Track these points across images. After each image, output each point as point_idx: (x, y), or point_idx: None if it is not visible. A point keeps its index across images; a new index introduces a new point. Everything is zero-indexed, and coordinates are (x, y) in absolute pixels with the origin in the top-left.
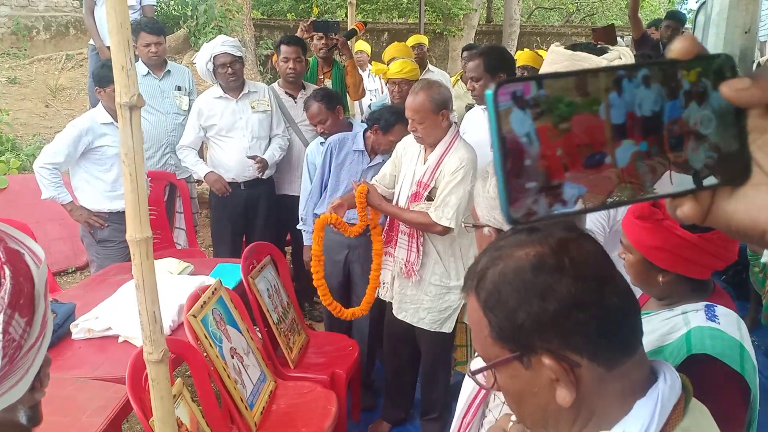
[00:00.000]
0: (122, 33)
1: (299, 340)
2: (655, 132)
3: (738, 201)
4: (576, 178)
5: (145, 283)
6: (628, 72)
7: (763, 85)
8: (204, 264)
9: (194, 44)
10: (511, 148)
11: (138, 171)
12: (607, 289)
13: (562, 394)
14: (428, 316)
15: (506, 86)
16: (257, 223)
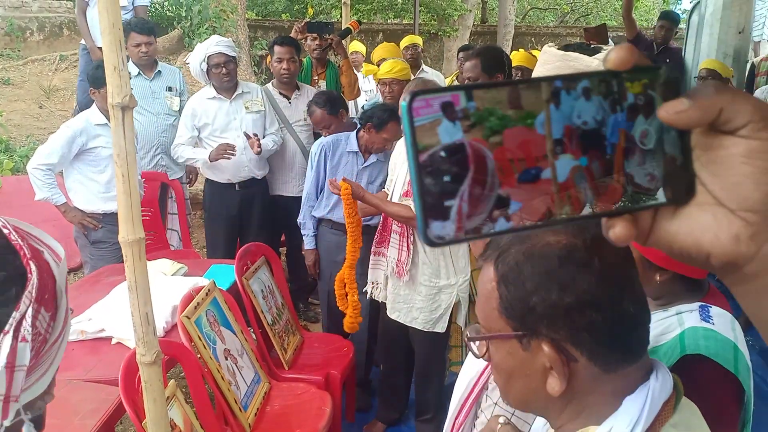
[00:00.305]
0: (114, 33)
1: (294, 341)
2: (597, 146)
3: (681, 221)
4: (509, 195)
5: (138, 285)
6: (567, 84)
7: (702, 105)
8: (198, 265)
9: (188, 45)
10: (427, 163)
11: (130, 172)
12: (626, 295)
13: (553, 383)
14: (421, 316)
15: (425, 97)
16: (252, 224)
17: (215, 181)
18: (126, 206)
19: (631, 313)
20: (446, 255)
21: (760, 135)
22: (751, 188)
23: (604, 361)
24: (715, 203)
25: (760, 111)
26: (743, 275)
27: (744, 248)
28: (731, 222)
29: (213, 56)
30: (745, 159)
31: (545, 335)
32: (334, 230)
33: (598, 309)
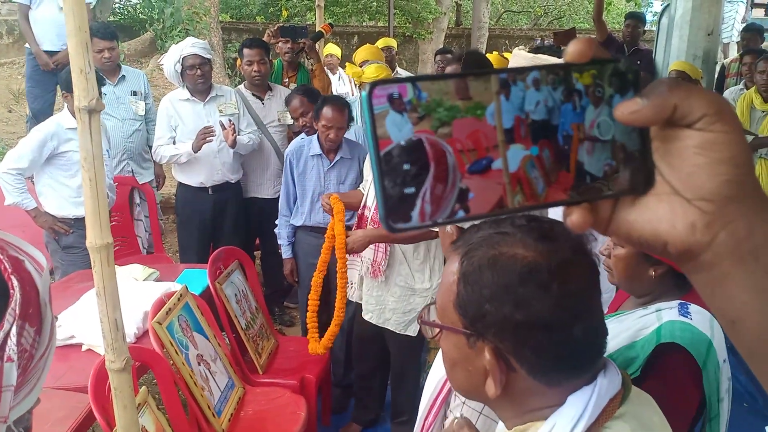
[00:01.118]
0: (80, 36)
1: (268, 345)
2: (548, 136)
3: (640, 211)
4: (461, 185)
5: (106, 290)
6: (516, 75)
7: (656, 104)
8: (170, 270)
9: (161, 47)
10: (385, 152)
11: (98, 176)
12: (578, 323)
13: (489, 385)
14: (393, 317)
15: (382, 87)
16: (225, 229)
17: (188, 184)
18: (93, 211)
19: (579, 339)
20: (423, 259)
21: (713, 128)
22: (705, 178)
23: (544, 377)
24: (672, 193)
25: (714, 104)
26: (700, 263)
27: (700, 236)
28: (687, 211)
29: (188, 58)
30: (699, 150)
31: (490, 341)
32: (312, 234)
33: (547, 331)
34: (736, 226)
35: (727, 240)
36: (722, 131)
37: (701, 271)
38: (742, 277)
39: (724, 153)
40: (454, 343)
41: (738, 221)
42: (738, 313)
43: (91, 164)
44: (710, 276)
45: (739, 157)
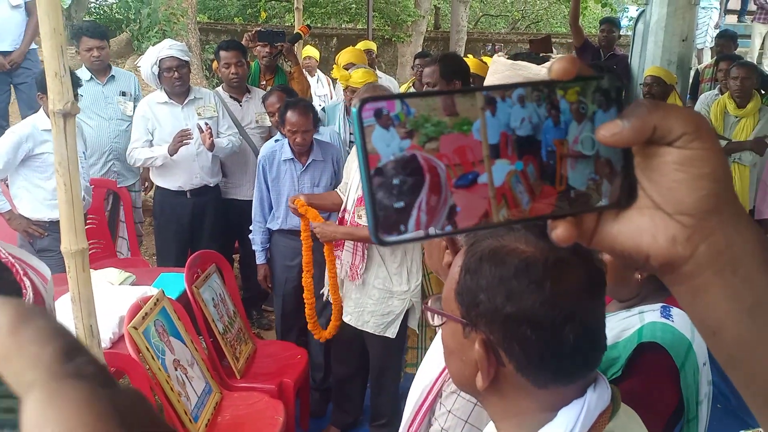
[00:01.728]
0: (55, 38)
1: (246, 349)
2: (532, 152)
3: (622, 224)
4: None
5: (81, 297)
6: (502, 92)
7: (636, 126)
8: (146, 274)
9: (137, 48)
10: (375, 167)
11: (73, 181)
12: (569, 325)
13: (479, 377)
14: (372, 320)
15: (372, 103)
16: (204, 232)
17: (166, 188)
18: (68, 216)
19: (569, 342)
20: (401, 262)
21: (692, 145)
22: (685, 193)
23: (532, 375)
24: (654, 207)
25: (692, 123)
26: (680, 275)
27: (680, 249)
28: (668, 225)
29: (165, 60)
30: (679, 167)
31: (482, 332)
32: (289, 236)
33: (535, 328)
34: (716, 239)
35: (706, 252)
36: (701, 148)
37: (682, 282)
38: (721, 287)
39: (703, 169)
40: (452, 331)
41: (717, 234)
42: (717, 323)
43: (66, 169)
44: (690, 287)
45: (717, 172)
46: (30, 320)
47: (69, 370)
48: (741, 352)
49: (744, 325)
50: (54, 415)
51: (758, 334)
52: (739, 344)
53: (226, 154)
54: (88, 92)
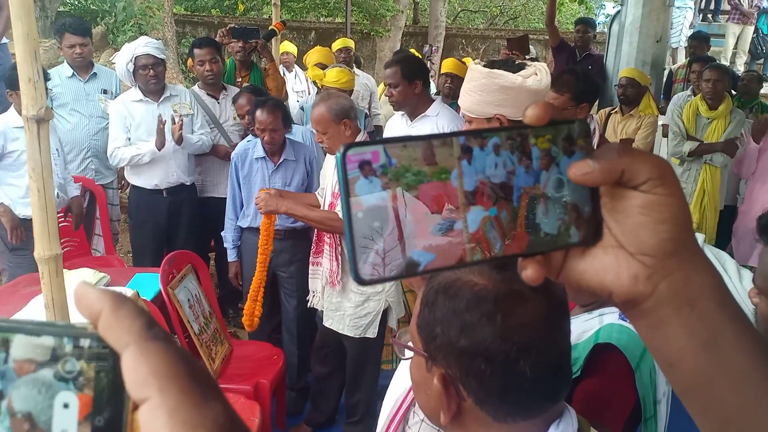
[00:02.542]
0: (29, 43)
1: (222, 350)
2: (506, 197)
3: (588, 262)
4: (424, 246)
5: (55, 302)
6: (478, 141)
7: (605, 168)
8: (121, 274)
9: (113, 42)
10: (357, 213)
11: (46, 186)
12: (524, 357)
13: (441, 413)
14: (350, 323)
15: (354, 152)
16: (180, 231)
17: (142, 187)
18: (42, 222)
19: (526, 375)
20: None
21: (656, 191)
22: (647, 235)
23: (492, 410)
24: (618, 246)
25: (657, 169)
26: (641, 311)
27: (641, 287)
28: (631, 264)
29: (140, 57)
30: (643, 210)
31: (441, 366)
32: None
33: (489, 362)
34: (675, 278)
35: (666, 290)
36: (664, 194)
37: (642, 317)
38: (679, 323)
39: (665, 214)
40: (417, 364)
41: (676, 274)
42: (675, 356)
43: (40, 174)
44: (650, 322)
45: (678, 217)
46: (123, 303)
47: (150, 335)
48: (696, 383)
49: (699, 359)
50: (145, 360)
51: (712, 368)
52: (694, 376)
53: (195, 152)
54: (69, 89)
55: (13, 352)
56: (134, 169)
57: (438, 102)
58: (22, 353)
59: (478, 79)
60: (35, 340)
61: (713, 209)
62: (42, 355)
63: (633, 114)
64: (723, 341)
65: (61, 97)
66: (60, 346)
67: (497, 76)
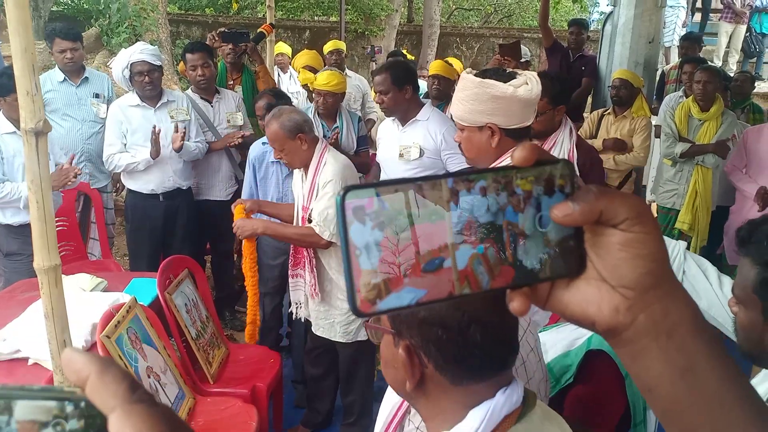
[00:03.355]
0: (27, 58)
1: (219, 354)
2: (492, 236)
3: (572, 293)
4: (416, 282)
5: (55, 312)
6: (465, 183)
7: (584, 210)
8: (118, 279)
9: (107, 44)
10: (354, 254)
11: (45, 198)
12: (474, 326)
13: (406, 380)
14: (341, 329)
15: (351, 196)
16: (176, 235)
17: (138, 191)
18: (41, 233)
19: (477, 341)
20: None
21: (634, 229)
22: (627, 270)
23: (449, 373)
24: (600, 279)
25: (634, 209)
26: (621, 340)
27: (622, 318)
28: (612, 296)
29: (136, 64)
30: (622, 247)
31: (405, 338)
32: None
33: (445, 329)
34: (654, 310)
35: (645, 321)
36: (642, 232)
37: (624, 345)
38: (657, 352)
39: (642, 250)
40: (386, 343)
41: (655, 305)
42: (653, 382)
43: (39, 186)
44: (631, 350)
45: (656, 253)
46: (108, 368)
47: (134, 398)
48: (674, 408)
49: (677, 386)
50: (130, 423)
51: (689, 394)
52: (672, 402)
53: (190, 159)
54: (61, 94)
55: (17, 413)
56: (131, 173)
57: (428, 106)
58: (25, 415)
59: (470, 88)
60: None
61: (705, 210)
62: (44, 415)
63: (626, 115)
64: (698, 369)
65: (53, 103)
66: (61, 408)
67: (489, 86)
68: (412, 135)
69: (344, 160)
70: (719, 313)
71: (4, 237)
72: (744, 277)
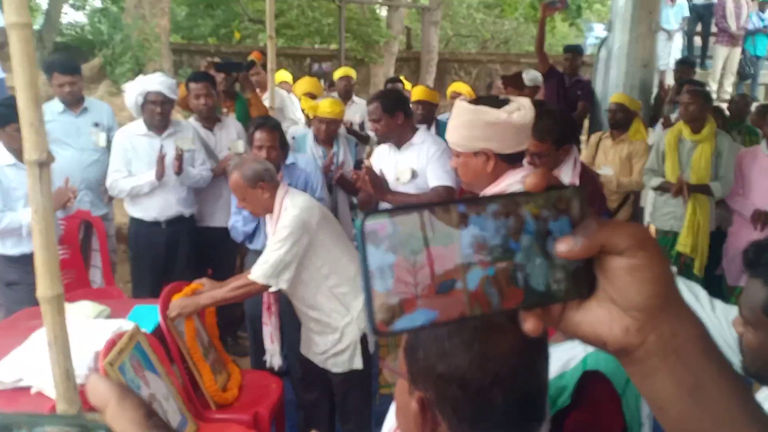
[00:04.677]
0: (31, 90)
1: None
2: (503, 258)
3: (584, 314)
4: (428, 304)
5: (58, 341)
6: (476, 208)
7: (586, 243)
8: (121, 306)
9: (110, 74)
10: (371, 277)
11: (48, 228)
12: (497, 389)
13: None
14: (332, 360)
15: (370, 221)
16: (178, 263)
17: (141, 219)
18: (44, 262)
19: (498, 405)
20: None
21: (637, 255)
22: (634, 293)
23: None
24: (610, 301)
25: (634, 237)
26: (632, 359)
27: (632, 338)
28: (622, 317)
29: (151, 93)
30: (628, 272)
31: (420, 389)
32: None
33: (463, 388)
34: (663, 330)
35: (655, 341)
36: (645, 257)
37: (634, 365)
38: (667, 371)
39: (647, 274)
40: (400, 388)
41: (664, 325)
42: (664, 401)
43: (42, 216)
44: (641, 369)
45: (661, 275)
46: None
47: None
48: (684, 426)
49: (686, 404)
50: None
51: (699, 412)
52: (682, 420)
53: (192, 185)
54: (61, 123)
55: None
56: (133, 200)
57: (423, 130)
58: None
59: (464, 115)
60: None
61: (704, 232)
62: None
63: (623, 139)
64: (707, 386)
65: (52, 132)
66: None
67: (482, 113)
68: (409, 157)
69: (302, 203)
70: None
71: (3, 267)
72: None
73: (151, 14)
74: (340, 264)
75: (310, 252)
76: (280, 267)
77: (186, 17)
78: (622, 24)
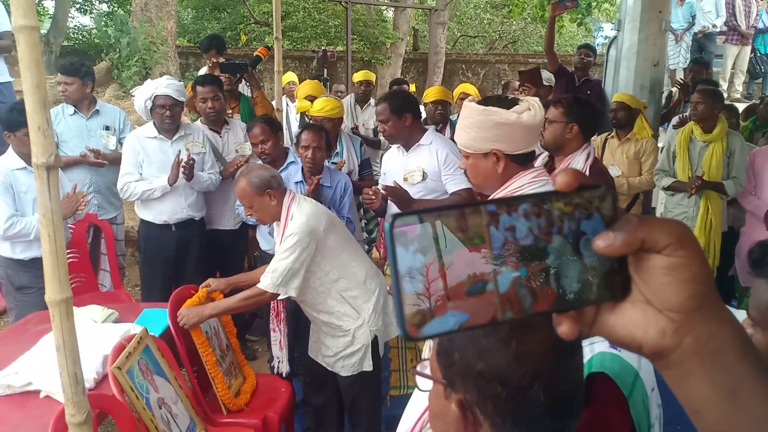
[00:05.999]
0: (38, 93)
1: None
2: (534, 259)
3: (618, 316)
4: (459, 306)
5: (66, 345)
6: (506, 208)
7: (625, 239)
8: (129, 309)
9: (117, 77)
10: (402, 277)
11: (57, 232)
12: (537, 384)
13: None
14: (343, 363)
15: (399, 223)
16: (188, 266)
17: (151, 222)
18: (52, 266)
19: (539, 400)
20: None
21: (676, 253)
22: (672, 294)
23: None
24: (645, 302)
25: (675, 234)
26: (668, 362)
27: (669, 341)
28: (658, 319)
29: (160, 97)
30: (665, 271)
31: (459, 391)
32: None
33: (504, 385)
34: (699, 332)
35: (691, 343)
36: (684, 256)
37: (670, 368)
38: (703, 374)
39: (686, 274)
40: (436, 393)
41: (700, 327)
42: (700, 404)
43: (50, 220)
44: (677, 372)
45: (699, 275)
46: None
47: None
48: (721, 430)
49: (723, 408)
50: None
51: (736, 416)
52: (718, 424)
53: (202, 189)
54: (71, 126)
55: None
56: (144, 203)
57: (431, 131)
58: None
59: (474, 116)
60: None
61: (716, 232)
62: None
63: (630, 138)
64: (745, 390)
65: (63, 135)
66: None
67: (492, 113)
68: (417, 159)
69: (309, 210)
70: None
71: (15, 271)
72: (759, 298)
73: (157, 17)
74: (348, 268)
75: (318, 257)
76: (288, 275)
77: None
78: (631, 23)
